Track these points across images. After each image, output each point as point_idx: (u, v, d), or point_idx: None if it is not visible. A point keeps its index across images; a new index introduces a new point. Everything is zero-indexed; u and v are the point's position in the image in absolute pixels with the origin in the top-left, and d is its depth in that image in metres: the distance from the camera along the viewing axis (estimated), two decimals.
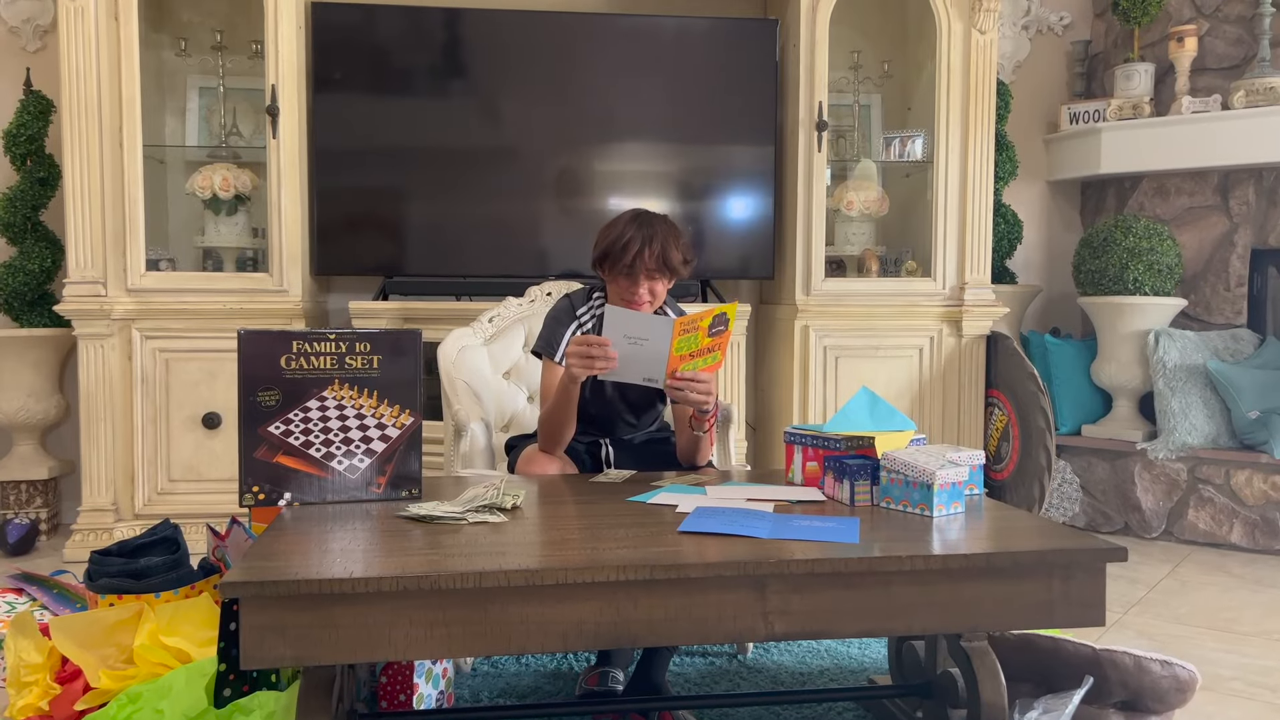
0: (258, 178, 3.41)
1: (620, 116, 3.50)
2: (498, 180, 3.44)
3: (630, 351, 1.83)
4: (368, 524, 1.56)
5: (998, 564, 1.42)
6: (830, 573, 1.37)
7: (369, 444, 1.70)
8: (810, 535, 1.48)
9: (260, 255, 3.50)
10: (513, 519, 1.59)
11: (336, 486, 1.69)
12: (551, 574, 1.30)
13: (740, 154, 3.55)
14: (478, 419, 2.34)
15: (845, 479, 1.72)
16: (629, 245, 1.97)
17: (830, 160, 3.58)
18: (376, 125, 3.40)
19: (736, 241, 3.58)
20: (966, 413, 3.53)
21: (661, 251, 1.99)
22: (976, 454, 1.81)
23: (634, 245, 1.97)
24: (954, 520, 1.62)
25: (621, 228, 2.01)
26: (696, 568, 1.34)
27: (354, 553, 1.38)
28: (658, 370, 1.86)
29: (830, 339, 3.46)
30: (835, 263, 3.71)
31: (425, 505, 1.62)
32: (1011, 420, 3.51)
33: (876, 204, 3.60)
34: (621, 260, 1.98)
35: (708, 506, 1.64)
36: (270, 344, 1.66)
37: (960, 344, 3.51)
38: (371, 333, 1.72)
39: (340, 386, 1.69)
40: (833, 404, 3.44)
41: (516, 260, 3.45)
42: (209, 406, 3.23)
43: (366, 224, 3.43)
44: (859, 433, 1.79)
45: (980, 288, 3.51)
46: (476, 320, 2.61)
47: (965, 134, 3.48)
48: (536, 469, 2.06)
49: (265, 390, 1.66)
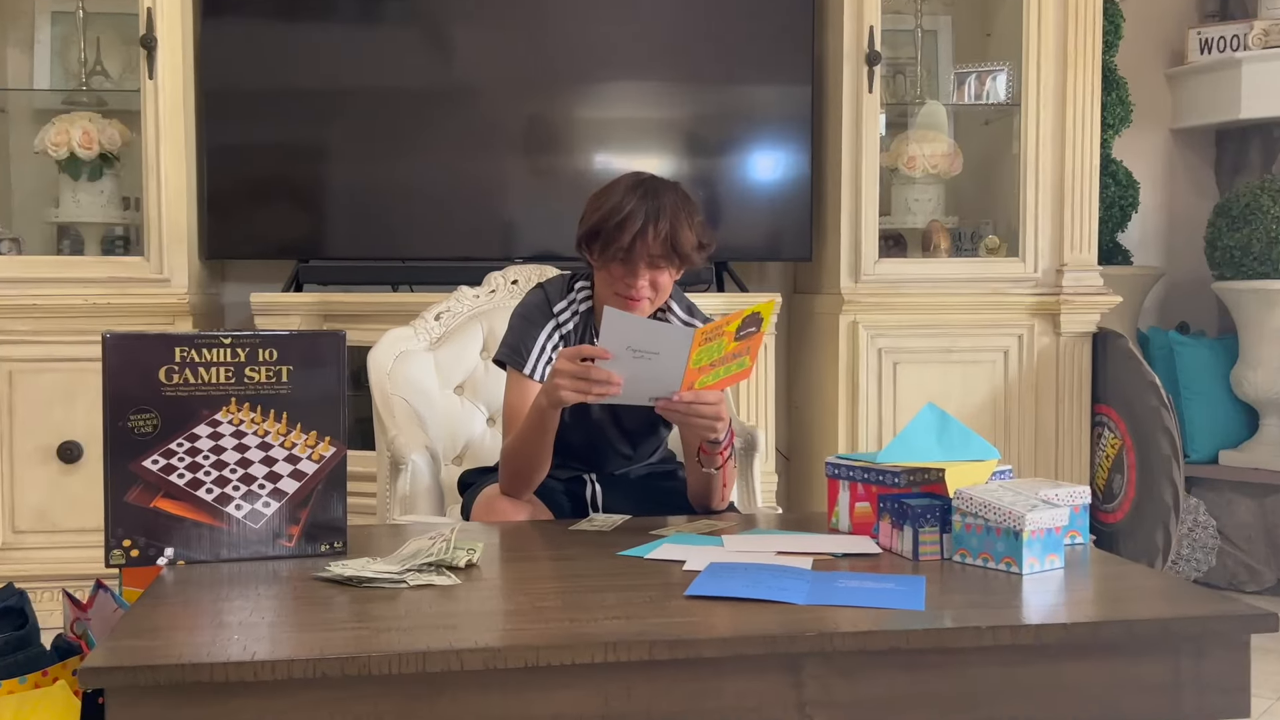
0: (129, 131, 3.41)
1: (609, 47, 3.51)
2: (446, 133, 3.44)
3: (635, 369, 1.82)
4: (276, 589, 1.55)
5: (1108, 637, 1.42)
6: (887, 649, 1.36)
7: (277, 483, 1.69)
8: (861, 600, 1.47)
9: (133, 234, 3.49)
10: (468, 581, 1.58)
11: (234, 539, 1.68)
12: (519, 654, 1.30)
13: (766, 96, 3.55)
14: (421, 449, 2.34)
15: (906, 525, 1.71)
16: (628, 221, 1.97)
17: (885, 104, 3.59)
18: (285, 61, 3.40)
19: (762, 212, 3.58)
20: (1067, 436, 3.53)
21: (670, 233, 1.98)
22: (1080, 491, 1.80)
23: (634, 222, 1.97)
24: (1050, 579, 1.61)
25: (619, 197, 2.00)
26: (710, 644, 1.33)
27: (258, 627, 1.37)
28: (670, 390, 1.85)
29: (886, 339, 3.47)
30: (892, 239, 3.72)
31: (352, 564, 1.62)
32: (1126, 445, 3.51)
33: (946, 161, 3.61)
34: (617, 241, 1.98)
35: (725, 563, 1.64)
36: (146, 351, 1.65)
37: (1058, 345, 3.52)
38: (280, 335, 1.71)
39: (238, 407, 1.69)
40: (890, 426, 3.45)
41: (472, 239, 3.45)
42: (66, 434, 3.22)
43: (273, 192, 3.43)
44: (924, 464, 1.78)
45: (1084, 270, 3.51)
46: (419, 318, 2.61)
47: (1063, 68, 3.49)
48: (499, 514, 2.05)
49: (139, 413, 1.65)
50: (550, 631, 1.36)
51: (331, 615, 1.44)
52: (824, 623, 1.38)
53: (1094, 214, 3.52)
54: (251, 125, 3.40)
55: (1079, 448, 3.54)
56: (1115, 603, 1.59)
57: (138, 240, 3.44)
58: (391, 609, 1.45)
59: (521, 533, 1.96)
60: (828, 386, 3.54)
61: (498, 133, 3.46)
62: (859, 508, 1.84)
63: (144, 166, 3.26)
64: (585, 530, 1.92)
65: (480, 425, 2.58)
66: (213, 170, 3.38)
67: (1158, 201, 4.17)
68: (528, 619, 1.42)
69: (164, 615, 1.43)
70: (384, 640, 1.32)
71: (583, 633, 1.35)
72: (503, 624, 1.43)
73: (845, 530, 1.86)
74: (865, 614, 1.42)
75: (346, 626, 1.39)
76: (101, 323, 3.17)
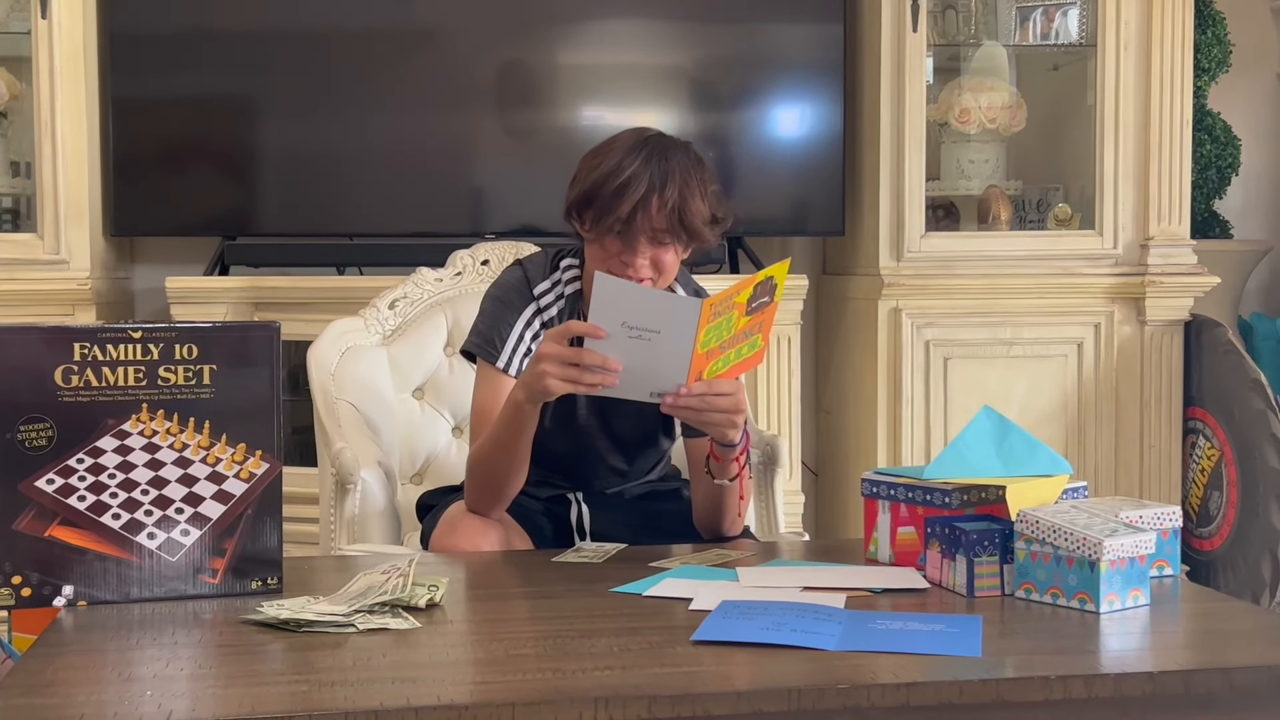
0: (18, 82, 3.41)
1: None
2: (403, 85, 3.44)
3: (633, 354, 1.81)
4: (197, 635, 1.55)
5: (1204, 688, 1.41)
6: (936, 704, 1.36)
7: (197, 506, 1.69)
8: (905, 646, 1.47)
9: (24, 205, 3.49)
10: (429, 624, 1.58)
11: (146, 575, 1.68)
12: (490, 713, 1.30)
13: (790, 37, 3.55)
14: (372, 464, 2.34)
15: (960, 554, 1.72)
16: (629, 188, 1.97)
17: (933, 45, 3.59)
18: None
19: (785, 177, 3.58)
20: (1153, 446, 3.53)
21: (679, 203, 1.98)
22: (1170, 512, 1.80)
23: (636, 188, 1.97)
24: (1133, 619, 1.61)
25: (619, 158, 2.00)
26: (722, 700, 1.33)
27: (175, 681, 1.37)
28: (674, 381, 1.84)
29: (935, 329, 3.47)
30: (942, 208, 3.72)
31: (289, 604, 1.61)
32: (1226, 457, 3.51)
33: (1007, 115, 3.61)
34: (614, 210, 1.98)
35: (740, 601, 1.64)
36: (38, 347, 1.65)
37: (1143, 335, 3.52)
38: (202, 328, 1.71)
39: (151, 415, 1.69)
40: (940, 434, 3.45)
41: (433, 211, 3.45)
42: None
43: (193, 155, 3.43)
44: (980, 479, 1.78)
45: (1174, 245, 3.52)
46: (370, 306, 2.61)
47: (1148, 1, 3.49)
48: (465, 540, 2.05)
49: (31, 423, 1.64)
50: (528, 685, 1.35)
51: (264, 666, 1.44)
52: (860, 673, 1.38)
53: (1186, 177, 3.52)
54: (167, 75, 3.40)
55: (1168, 460, 3.54)
56: (1211, 648, 1.58)
57: (29, 213, 3.43)
58: (337, 659, 1.45)
59: (493, 565, 1.96)
60: (864, 387, 3.54)
61: (465, 83, 3.46)
62: (902, 533, 1.83)
63: (37, 125, 3.25)
64: (571, 562, 1.92)
65: (444, 436, 2.58)
66: (119, 130, 3.38)
67: (1263, 162, 4.17)
68: (501, 670, 1.42)
69: (62, 667, 1.42)
70: (328, 696, 1.32)
71: (567, 686, 1.35)
72: (471, 676, 1.43)
73: (886, 561, 1.86)
74: (910, 662, 1.42)
75: (282, 680, 1.39)
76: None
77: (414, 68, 3.44)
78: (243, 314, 3.25)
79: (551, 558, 1.95)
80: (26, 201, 3.46)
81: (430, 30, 3.44)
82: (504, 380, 2.09)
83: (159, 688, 1.35)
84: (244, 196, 3.47)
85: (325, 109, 3.42)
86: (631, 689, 1.33)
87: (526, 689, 1.34)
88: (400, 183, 3.46)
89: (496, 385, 2.09)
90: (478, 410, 2.13)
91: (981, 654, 1.45)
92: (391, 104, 3.43)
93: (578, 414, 2.13)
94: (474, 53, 3.46)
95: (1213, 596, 1.84)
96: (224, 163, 3.44)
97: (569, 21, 3.51)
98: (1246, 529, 3.46)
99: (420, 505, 2.33)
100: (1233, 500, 3.50)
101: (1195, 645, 1.59)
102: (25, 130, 3.36)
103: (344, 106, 3.42)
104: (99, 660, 1.45)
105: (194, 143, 3.42)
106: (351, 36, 3.42)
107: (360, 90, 3.42)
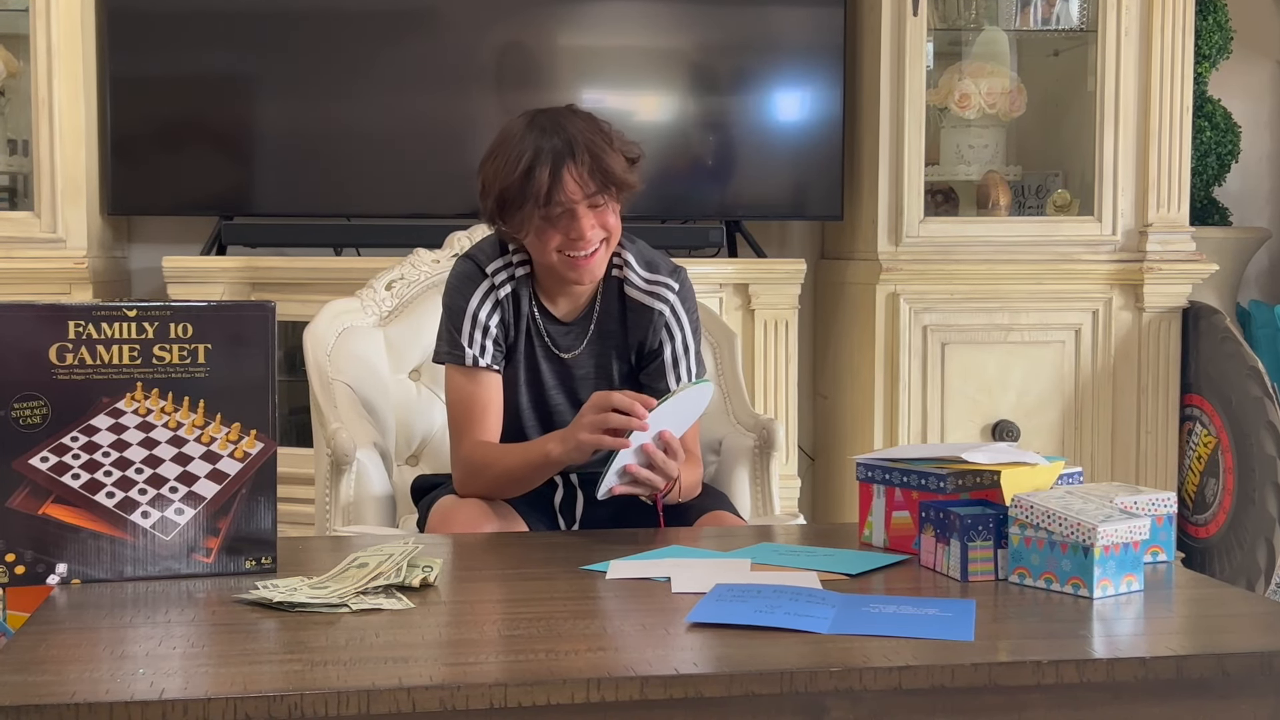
0: (15, 59, 3.40)
1: None
2: (401, 65, 3.43)
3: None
4: (190, 613, 1.55)
5: (1196, 673, 1.42)
6: (929, 688, 1.36)
7: (191, 486, 1.69)
8: (897, 629, 1.47)
9: (21, 184, 3.48)
10: (423, 605, 1.58)
11: (140, 554, 1.68)
12: (483, 693, 1.30)
13: (789, 19, 3.54)
14: (368, 445, 2.34)
15: (953, 538, 1.72)
16: (536, 168, 1.99)
17: (933, 29, 3.58)
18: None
19: (784, 161, 3.57)
20: (1150, 432, 3.53)
21: (592, 160, 2.01)
22: (1165, 498, 1.80)
23: (544, 162, 1.99)
24: (1128, 604, 1.61)
25: (515, 144, 2.03)
26: (714, 682, 1.33)
27: (168, 660, 1.37)
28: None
29: (933, 315, 3.46)
30: (941, 193, 3.71)
31: (284, 584, 1.62)
32: (1223, 444, 3.51)
33: (1007, 100, 3.60)
34: (529, 196, 2.00)
35: (734, 584, 1.64)
36: (33, 326, 1.65)
37: (1141, 322, 3.51)
38: (198, 307, 1.71)
39: (146, 394, 1.69)
40: (936, 420, 3.45)
41: (431, 192, 3.45)
42: None
43: (191, 134, 3.42)
44: (975, 464, 1.79)
45: (1173, 232, 3.51)
46: (367, 286, 2.61)
47: None
48: (461, 524, 2.06)
49: (25, 400, 1.65)
50: (522, 666, 1.36)
51: (257, 646, 1.44)
52: (852, 656, 1.39)
53: (1185, 164, 3.51)
54: (165, 54, 3.39)
55: (1164, 447, 3.54)
56: (1205, 633, 1.59)
57: (26, 192, 3.43)
58: (330, 638, 1.45)
59: (487, 546, 1.96)
60: (862, 371, 3.54)
61: (464, 64, 3.45)
62: (897, 518, 1.84)
63: (34, 103, 3.24)
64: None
65: (440, 418, 2.58)
66: (117, 108, 3.37)
67: (1263, 149, 4.17)
68: (494, 651, 1.42)
69: (55, 645, 1.43)
70: (321, 676, 1.32)
71: (560, 667, 1.35)
72: (464, 657, 1.43)
73: (880, 545, 1.87)
74: (902, 645, 1.42)
75: (275, 659, 1.39)
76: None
77: (413, 48, 3.43)
78: (240, 294, 3.25)
79: (545, 541, 1.95)
80: (24, 179, 3.45)
81: (430, 10, 3.43)
82: (479, 374, 2.14)
83: (152, 666, 1.35)
84: (242, 176, 3.47)
85: (324, 89, 3.41)
86: (624, 670, 1.34)
87: (520, 670, 1.35)
88: (398, 164, 3.45)
89: (470, 375, 2.15)
90: (460, 406, 2.16)
91: (974, 638, 1.45)
92: (390, 85, 3.42)
93: (547, 399, 2.20)
94: (473, 33, 3.45)
95: (1207, 583, 1.85)
96: (222, 142, 3.43)
97: (569, 3, 3.50)
98: (1242, 516, 3.46)
99: (415, 487, 2.33)
100: (1229, 487, 3.50)
101: (1188, 631, 1.59)
102: (23, 108, 3.35)
103: (343, 87, 3.41)
104: (92, 638, 1.46)
105: (192, 122, 3.41)
106: (350, 16, 3.41)
107: (359, 71, 3.41)
